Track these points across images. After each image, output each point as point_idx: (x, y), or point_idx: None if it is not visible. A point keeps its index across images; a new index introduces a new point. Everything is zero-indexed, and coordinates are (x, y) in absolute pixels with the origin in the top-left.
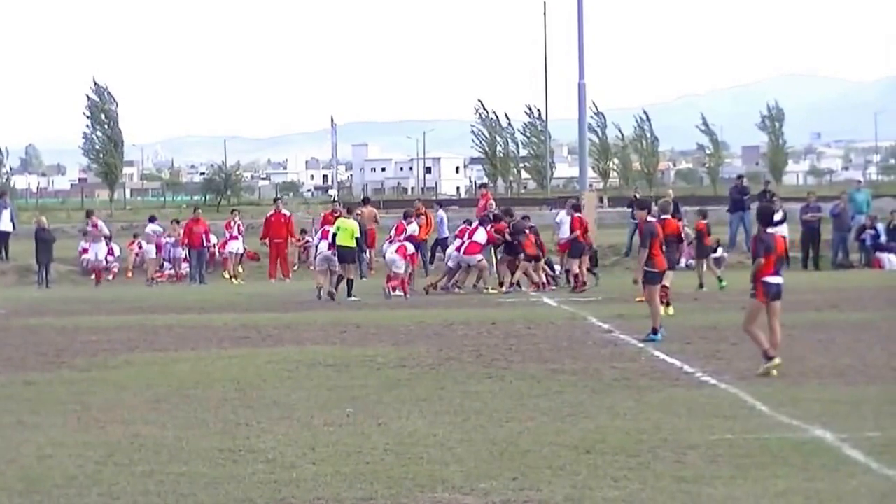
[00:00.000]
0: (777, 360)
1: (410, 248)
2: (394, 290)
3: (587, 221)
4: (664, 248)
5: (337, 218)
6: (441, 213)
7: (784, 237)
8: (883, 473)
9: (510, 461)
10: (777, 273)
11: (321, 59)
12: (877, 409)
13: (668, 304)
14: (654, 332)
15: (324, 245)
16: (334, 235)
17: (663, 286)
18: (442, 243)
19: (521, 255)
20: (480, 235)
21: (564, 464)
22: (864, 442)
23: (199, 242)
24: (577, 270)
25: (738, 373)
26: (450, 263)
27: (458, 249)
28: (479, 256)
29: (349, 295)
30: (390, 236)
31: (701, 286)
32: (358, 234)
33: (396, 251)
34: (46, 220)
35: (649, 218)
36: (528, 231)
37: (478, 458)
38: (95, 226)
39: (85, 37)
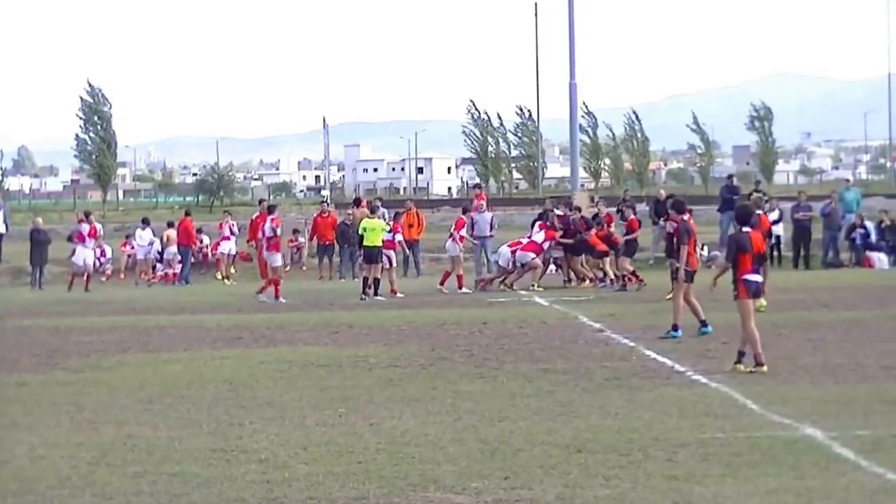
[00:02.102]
0: (764, 368)
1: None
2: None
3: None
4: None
5: (325, 218)
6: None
7: (772, 233)
8: (872, 471)
9: (502, 460)
10: (756, 271)
11: (313, 60)
12: (867, 408)
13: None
14: (675, 328)
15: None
16: (361, 236)
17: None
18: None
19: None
20: (538, 235)
21: (556, 463)
22: (854, 440)
23: (189, 242)
24: (629, 269)
25: (729, 371)
26: (500, 262)
27: (511, 247)
28: (533, 255)
29: (375, 294)
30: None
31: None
32: (387, 232)
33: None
34: (41, 221)
35: (685, 217)
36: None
37: (469, 457)
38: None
39: (78, 38)
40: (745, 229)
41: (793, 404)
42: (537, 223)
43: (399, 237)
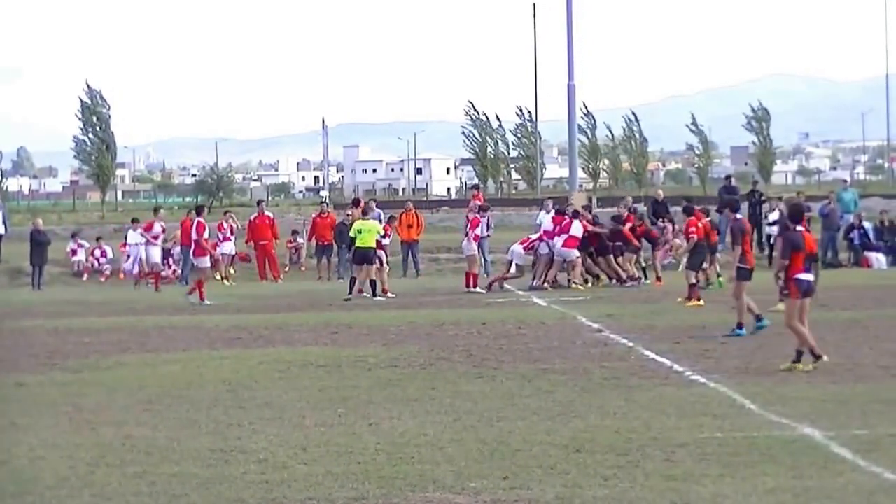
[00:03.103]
0: (811, 364)
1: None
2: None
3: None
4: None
5: (324, 218)
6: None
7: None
8: (870, 471)
9: (501, 460)
10: (808, 270)
11: (312, 61)
12: (864, 408)
13: (698, 299)
14: (740, 326)
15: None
16: (353, 238)
17: (692, 284)
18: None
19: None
20: (577, 229)
21: (555, 463)
22: (852, 440)
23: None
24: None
25: (727, 371)
26: (516, 260)
27: (523, 245)
28: (576, 252)
29: (374, 295)
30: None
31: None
32: (381, 233)
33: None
34: (42, 221)
35: (738, 216)
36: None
37: (468, 457)
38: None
39: (76, 38)
40: (798, 228)
41: (791, 404)
42: (549, 217)
43: (386, 241)
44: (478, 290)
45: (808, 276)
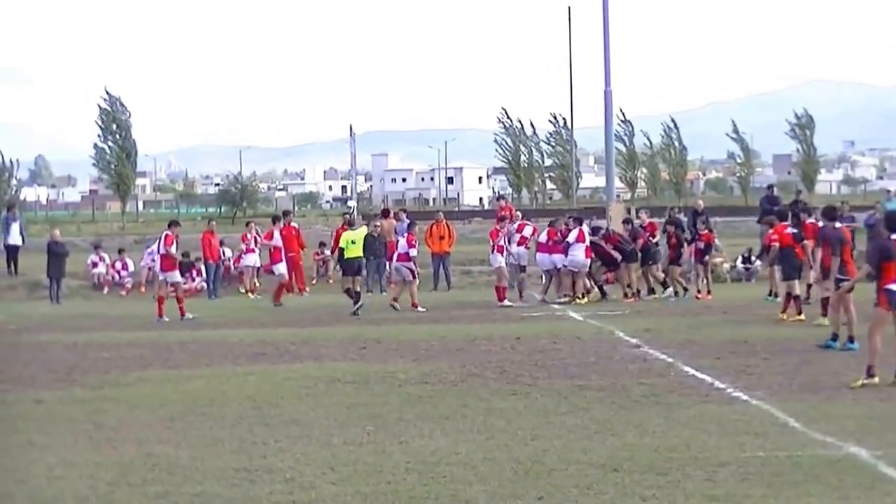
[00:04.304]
0: (876, 380)
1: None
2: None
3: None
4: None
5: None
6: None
7: None
8: None
9: (535, 480)
10: None
11: (339, 67)
12: None
13: (799, 312)
14: (851, 340)
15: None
16: (342, 250)
17: (794, 296)
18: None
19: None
20: (574, 236)
21: (591, 483)
22: None
23: (216, 256)
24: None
25: (769, 388)
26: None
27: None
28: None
29: (356, 304)
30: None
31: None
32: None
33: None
34: (59, 233)
35: (836, 225)
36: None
37: (502, 477)
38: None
39: (96, 45)
40: (893, 237)
41: (836, 422)
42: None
43: (413, 251)
44: (507, 303)
45: None
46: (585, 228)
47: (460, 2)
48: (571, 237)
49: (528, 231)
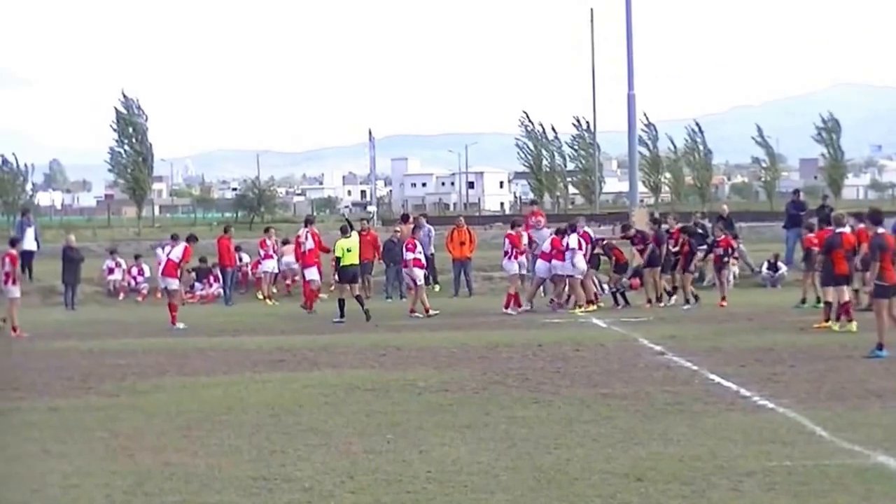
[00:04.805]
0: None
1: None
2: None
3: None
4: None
5: (364, 235)
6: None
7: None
8: None
9: (558, 489)
10: None
11: (358, 71)
12: None
13: (850, 320)
14: (880, 347)
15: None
16: (338, 259)
17: (845, 301)
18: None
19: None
20: (574, 242)
21: (615, 492)
22: None
23: (233, 262)
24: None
25: (796, 396)
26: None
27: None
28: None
29: (341, 317)
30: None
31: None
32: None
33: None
34: (74, 238)
35: (879, 230)
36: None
37: (524, 486)
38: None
39: (112, 47)
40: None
41: (863, 430)
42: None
43: (410, 255)
44: (509, 311)
45: None
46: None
47: (481, 4)
48: (572, 243)
49: (525, 239)
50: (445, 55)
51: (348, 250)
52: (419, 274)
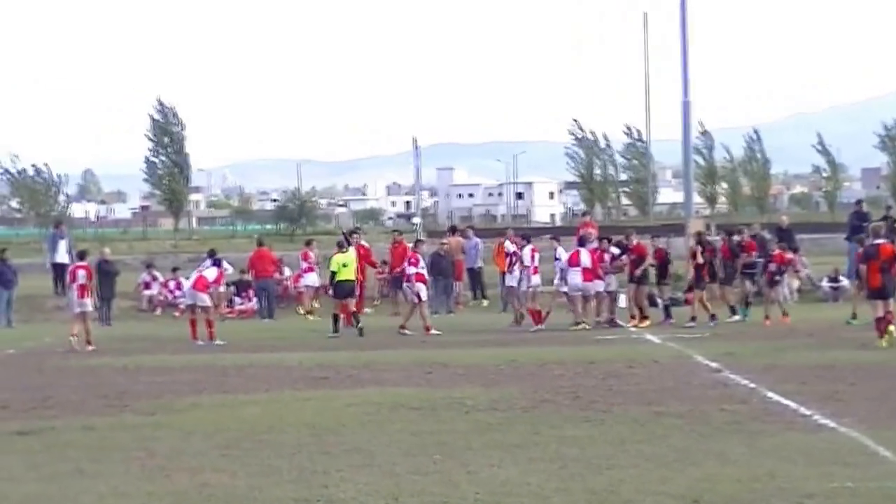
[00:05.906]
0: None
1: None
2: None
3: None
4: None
5: (396, 247)
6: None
7: None
8: None
9: None
10: None
11: (403, 78)
12: None
13: (881, 336)
14: None
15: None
16: (333, 273)
17: (888, 312)
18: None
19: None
20: (586, 259)
21: None
22: None
23: (269, 274)
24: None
25: (858, 415)
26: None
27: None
28: (600, 284)
29: (335, 332)
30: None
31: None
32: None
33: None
34: (110, 251)
35: None
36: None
37: None
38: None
39: (147, 54)
40: None
41: None
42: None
43: (411, 269)
44: (541, 327)
45: None
46: (584, 249)
47: (530, 10)
48: (563, 259)
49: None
50: (493, 62)
51: (344, 265)
52: (421, 289)
